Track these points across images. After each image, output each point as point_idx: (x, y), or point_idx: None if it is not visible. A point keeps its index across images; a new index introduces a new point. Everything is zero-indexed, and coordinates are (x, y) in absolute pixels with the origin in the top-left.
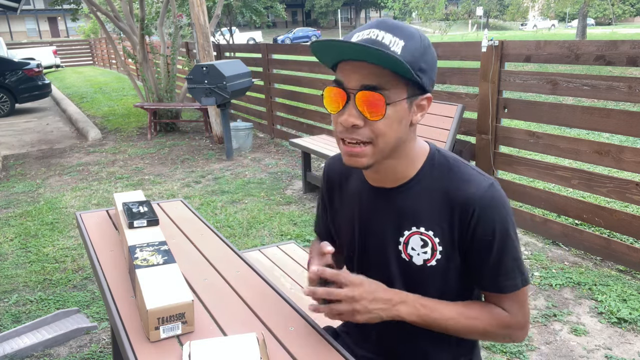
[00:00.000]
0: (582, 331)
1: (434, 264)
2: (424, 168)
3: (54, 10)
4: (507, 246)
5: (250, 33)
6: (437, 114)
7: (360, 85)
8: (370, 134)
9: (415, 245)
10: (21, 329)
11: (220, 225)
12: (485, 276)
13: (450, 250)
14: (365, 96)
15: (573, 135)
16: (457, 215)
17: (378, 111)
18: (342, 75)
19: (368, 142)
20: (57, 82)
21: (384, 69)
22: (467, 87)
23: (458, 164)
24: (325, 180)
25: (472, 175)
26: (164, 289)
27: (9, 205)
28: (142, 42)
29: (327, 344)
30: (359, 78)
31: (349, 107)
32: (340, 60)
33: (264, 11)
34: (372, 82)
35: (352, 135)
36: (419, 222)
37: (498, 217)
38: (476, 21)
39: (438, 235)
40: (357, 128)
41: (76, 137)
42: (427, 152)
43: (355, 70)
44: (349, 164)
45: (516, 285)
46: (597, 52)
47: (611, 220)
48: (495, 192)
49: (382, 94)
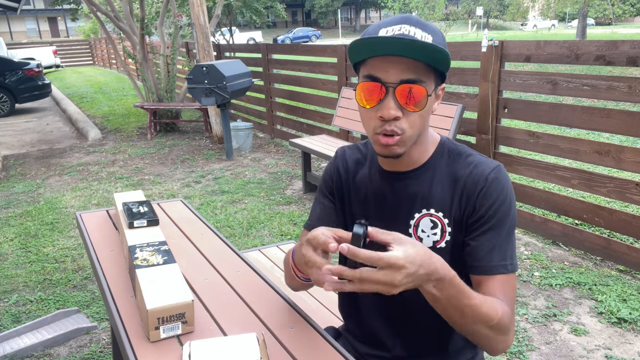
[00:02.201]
0: (582, 331)
1: (443, 245)
2: (435, 154)
3: (54, 10)
4: (503, 224)
5: (250, 33)
6: (437, 114)
7: (399, 79)
8: (406, 125)
9: (425, 227)
10: (21, 329)
11: (220, 225)
12: (475, 255)
13: (459, 232)
14: (407, 89)
15: (573, 135)
16: (465, 195)
17: (420, 103)
18: (377, 70)
19: (399, 134)
20: (57, 82)
21: (419, 62)
22: (467, 87)
23: (466, 150)
24: (340, 171)
25: (480, 161)
26: (164, 289)
27: (9, 205)
28: (142, 42)
29: (327, 344)
30: (397, 72)
31: (387, 101)
32: (370, 56)
33: (264, 11)
34: (411, 75)
35: (391, 127)
36: (429, 205)
37: (498, 195)
38: (476, 21)
39: (447, 216)
40: (396, 120)
41: (76, 137)
42: (438, 140)
43: (393, 65)
44: (384, 153)
45: (505, 266)
46: (597, 52)
47: (611, 220)
48: (500, 173)
49: (424, 86)
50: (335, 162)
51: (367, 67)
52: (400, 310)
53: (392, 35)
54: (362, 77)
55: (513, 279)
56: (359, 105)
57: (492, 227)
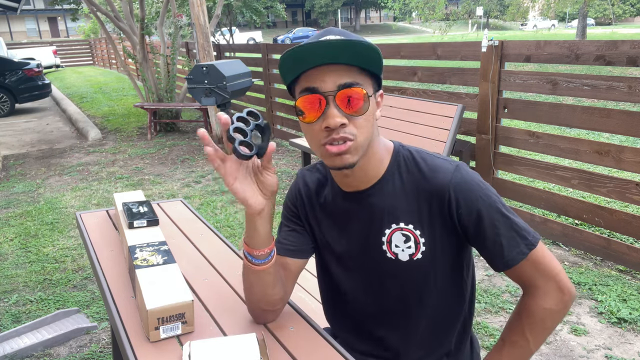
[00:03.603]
0: (582, 331)
1: (420, 257)
2: (391, 165)
3: (54, 10)
4: (497, 220)
5: (250, 33)
6: (437, 114)
7: (337, 85)
8: (353, 130)
9: (398, 242)
10: (21, 329)
11: (220, 225)
12: (493, 257)
13: (435, 241)
14: (346, 93)
15: (573, 135)
16: (435, 204)
17: (361, 105)
18: (312, 81)
19: (350, 140)
20: (57, 82)
21: (353, 67)
22: (467, 87)
23: (422, 155)
24: (302, 195)
25: (437, 164)
26: (164, 289)
27: (9, 205)
28: (142, 42)
29: (327, 344)
30: (333, 79)
31: (329, 110)
32: (302, 70)
33: (264, 11)
34: (347, 79)
35: (339, 135)
36: (397, 219)
37: (476, 196)
38: (476, 21)
39: (418, 227)
40: (342, 127)
41: (76, 137)
42: (392, 149)
43: (327, 74)
44: (336, 165)
45: (521, 252)
46: (597, 52)
47: (611, 220)
48: (463, 173)
49: (362, 88)
50: (297, 186)
51: (301, 82)
52: (394, 314)
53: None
54: (298, 94)
55: (538, 252)
56: (301, 122)
57: (487, 226)
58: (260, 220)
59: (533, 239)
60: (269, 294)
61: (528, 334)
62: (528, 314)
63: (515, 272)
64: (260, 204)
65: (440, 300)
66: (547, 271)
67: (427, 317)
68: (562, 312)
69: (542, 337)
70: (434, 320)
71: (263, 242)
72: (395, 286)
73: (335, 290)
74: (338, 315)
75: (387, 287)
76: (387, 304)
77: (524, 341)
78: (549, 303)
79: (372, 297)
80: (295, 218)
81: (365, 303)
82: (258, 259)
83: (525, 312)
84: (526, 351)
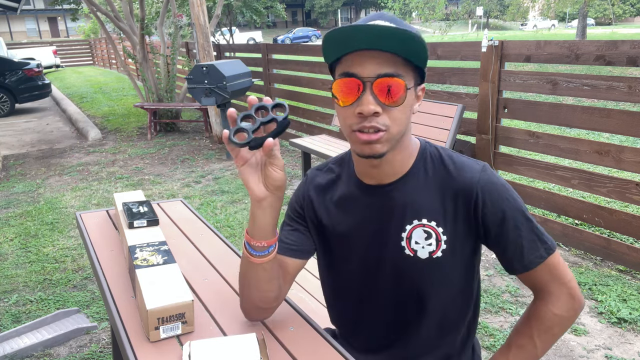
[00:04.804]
0: (582, 331)
1: (440, 255)
2: (417, 161)
3: (54, 10)
4: (521, 223)
5: (250, 33)
6: (437, 114)
7: (376, 73)
8: (387, 121)
9: (418, 239)
10: (21, 329)
11: (220, 225)
12: (512, 258)
13: (455, 239)
14: (385, 82)
15: (573, 135)
16: (460, 202)
17: (399, 97)
18: (352, 66)
19: (383, 130)
20: (57, 82)
21: (397, 56)
22: (467, 87)
23: (449, 153)
24: (310, 196)
25: (464, 163)
26: (164, 289)
27: (9, 205)
28: (142, 42)
29: (327, 344)
30: (374, 67)
31: (365, 96)
32: (345, 53)
33: (264, 11)
34: (389, 69)
35: (371, 124)
36: (420, 215)
37: (502, 197)
38: (476, 21)
39: (441, 225)
40: (375, 116)
41: (76, 137)
42: (419, 146)
43: (369, 60)
44: (364, 152)
45: (540, 255)
46: (597, 52)
47: (611, 220)
48: (490, 173)
49: (402, 79)
50: (305, 186)
51: (342, 65)
52: (400, 322)
53: (365, 24)
54: (337, 76)
55: (554, 259)
56: (336, 104)
57: (510, 228)
58: (260, 210)
59: (552, 244)
60: (263, 289)
61: (536, 339)
62: (538, 318)
63: (531, 276)
64: (261, 193)
65: (451, 300)
66: (561, 277)
67: (437, 317)
68: (571, 320)
69: (550, 342)
70: (442, 321)
71: (261, 234)
72: (410, 283)
73: (344, 290)
74: (346, 316)
75: (402, 284)
76: (400, 301)
77: (531, 346)
78: (560, 309)
79: (384, 294)
80: (300, 219)
81: (376, 301)
82: (255, 250)
83: (535, 316)
84: (532, 355)
